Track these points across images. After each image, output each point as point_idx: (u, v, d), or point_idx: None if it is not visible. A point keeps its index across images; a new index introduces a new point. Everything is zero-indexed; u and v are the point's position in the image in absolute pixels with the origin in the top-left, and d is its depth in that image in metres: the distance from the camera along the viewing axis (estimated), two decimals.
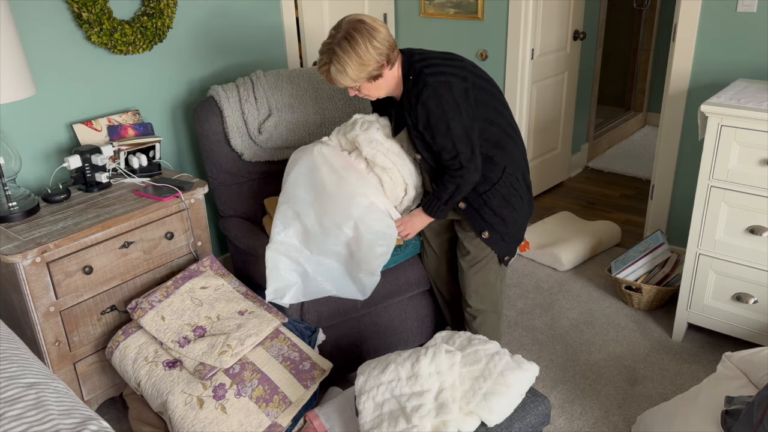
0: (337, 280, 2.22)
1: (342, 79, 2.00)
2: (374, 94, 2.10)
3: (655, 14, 5.40)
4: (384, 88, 2.09)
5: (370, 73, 2.00)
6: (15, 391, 1.39)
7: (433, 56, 2.07)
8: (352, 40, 1.94)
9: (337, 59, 1.96)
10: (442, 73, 2.01)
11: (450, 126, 1.99)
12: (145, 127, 2.65)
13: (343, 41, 1.95)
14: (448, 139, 2.01)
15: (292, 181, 2.22)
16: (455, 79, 2.01)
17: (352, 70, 1.97)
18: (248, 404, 2.01)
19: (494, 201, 2.16)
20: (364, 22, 1.97)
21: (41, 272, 2.06)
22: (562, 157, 4.40)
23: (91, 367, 2.29)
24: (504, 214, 2.18)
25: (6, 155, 2.18)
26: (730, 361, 1.98)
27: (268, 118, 2.59)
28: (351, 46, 1.94)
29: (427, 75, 2.00)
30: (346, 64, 1.96)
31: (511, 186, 2.17)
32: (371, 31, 1.96)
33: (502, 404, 1.75)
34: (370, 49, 1.95)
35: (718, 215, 2.48)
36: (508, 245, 2.25)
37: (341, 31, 1.96)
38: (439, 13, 3.82)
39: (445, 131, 2.00)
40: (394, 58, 2.04)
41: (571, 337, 2.81)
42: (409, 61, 2.06)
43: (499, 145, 2.12)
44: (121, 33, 2.53)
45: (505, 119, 2.14)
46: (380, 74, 2.02)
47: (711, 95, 2.91)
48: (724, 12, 2.83)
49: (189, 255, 2.50)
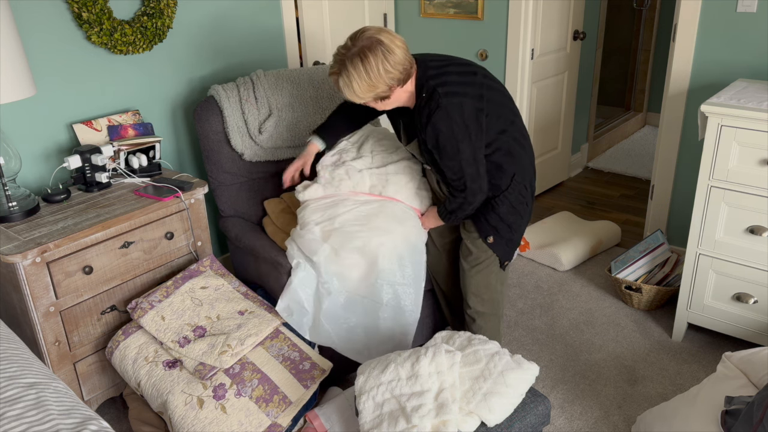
0: (346, 336, 2.30)
1: (348, 93, 1.96)
2: (380, 108, 2.08)
3: (655, 14, 5.40)
4: (390, 104, 2.06)
5: (377, 94, 1.96)
6: (15, 391, 1.39)
7: (449, 72, 2.02)
8: (365, 59, 1.88)
9: (346, 74, 1.91)
10: (456, 93, 1.97)
11: (459, 148, 1.98)
12: (145, 127, 2.65)
13: (355, 58, 1.89)
14: (456, 161, 2.00)
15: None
16: (468, 99, 1.98)
17: (359, 88, 1.93)
18: (248, 404, 2.01)
19: (502, 207, 2.16)
20: (381, 42, 1.89)
21: (41, 272, 2.06)
22: (562, 157, 4.40)
23: (91, 367, 2.29)
24: (511, 221, 2.18)
25: (6, 155, 2.18)
26: (730, 361, 1.98)
27: (269, 117, 2.59)
28: (363, 65, 1.88)
29: (440, 96, 1.95)
30: (354, 81, 1.91)
31: (519, 194, 2.16)
32: (386, 53, 1.89)
33: (502, 404, 1.75)
34: (381, 72, 1.89)
35: (718, 215, 2.48)
36: (509, 250, 2.26)
37: (357, 46, 1.90)
38: (439, 13, 3.82)
39: (454, 153, 1.99)
40: (407, 77, 1.98)
41: (571, 337, 2.81)
42: (424, 76, 2.00)
43: (509, 154, 2.11)
44: (121, 33, 2.53)
45: (516, 127, 2.13)
46: (388, 96, 1.98)
47: (711, 95, 2.91)
48: (724, 12, 2.83)
49: (189, 255, 2.50)
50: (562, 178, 4.50)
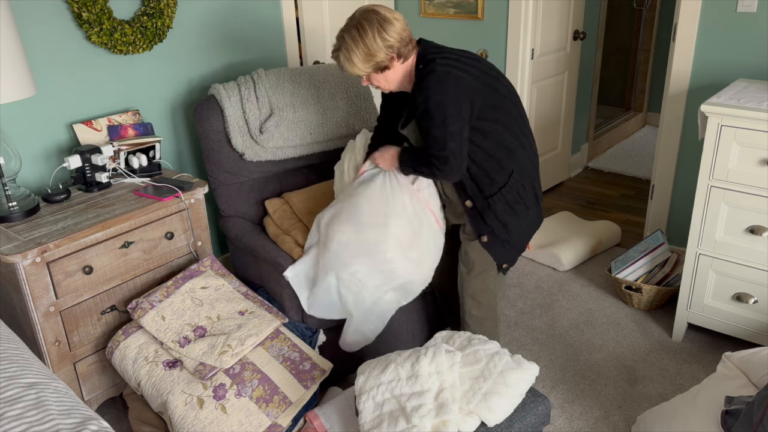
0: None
1: (349, 67, 2.01)
2: (385, 86, 2.09)
3: (655, 14, 5.40)
4: (394, 81, 2.07)
5: (377, 64, 1.99)
6: (15, 391, 1.39)
7: (450, 50, 2.05)
8: (361, 29, 1.95)
9: (345, 47, 1.98)
10: (454, 67, 1.98)
11: (446, 120, 1.95)
12: (145, 127, 2.65)
13: (352, 29, 1.97)
14: (440, 132, 1.96)
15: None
16: (465, 75, 1.98)
17: (358, 59, 1.97)
18: (248, 404, 2.01)
19: (498, 206, 2.13)
20: (377, 12, 1.97)
21: (41, 272, 2.06)
22: (562, 157, 4.40)
23: (91, 367, 2.29)
24: (506, 220, 2.16)
25: (6, 155, 2.18)
26: (730, 361, 1.98)
27: (270, 117, 2.59)
28: (360, 35, 1.95)
29: (437, 64, 1.97)
30: (353, 53, 1.97)
31: (516, 193, 2.14)
32: (382, 22, 1.95)
33: (502, 404, 1.75)
34: (378, 40, 1.95)
35: (718, 215, 2.48)
36: (507, 252, 2.22)
37: (354, 20, 1.98)
38: (439, 13, 3.82)
39: (440, 123, 1.96)
40: (408, 53, 2.02)
41: (571, 337, 2.81)
42: (424, 52, 2.04)
43: (505, 148, 2.09)
44: (121, 33, 2.53)
45: (517, 125, 2.11)
46: (389, 66, 2.01)
47: (711, 95, 2.91)
48: (724, 12, 2.83)
49: (189, 255, 2.50)
50: (562, 178, 4.51)
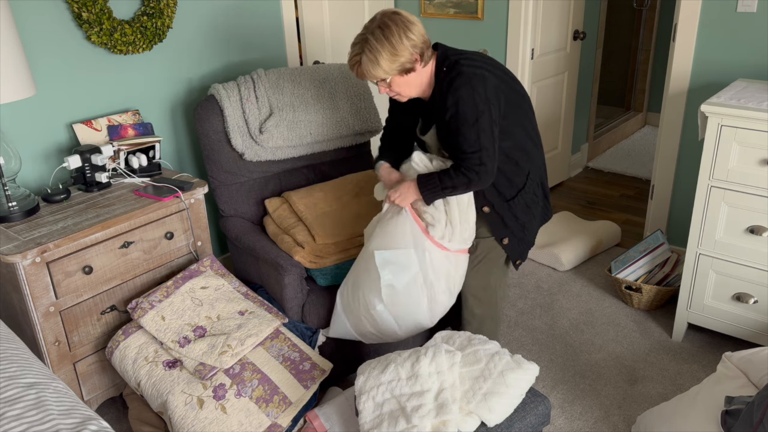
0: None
1: (374, 69, 1.96)
2: (405, 92, 2.06)
3: (655, 14, 5.40)
4: (415, 85, 2.05)
5: (402, 65, 1.96)
6: (15, 391, 1.39)
7: (470, 53, 2.06)
8: (386, 29, 1.93)
9: (369, 48, 1.94)
10: (479, 67, 1.98)
11: (478, 119, 1.95)
12: (145, 127, 2.65)
13: (377, 30, 1.94)
14: (474, 132, 1.95)
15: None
16: (491, 75, 1.99)
17: (384, 60, 1.94)
18: (248, 404, 2.01)
19: (518, 208, 2.16)
20: (399, 14, 1.96)
21: (41, 272, 2.06)
22: (562, 157, 4.40)
23: (91, 367, 2.29)
24: (525, 220, 2.18)
25: (6, 155, 2.18)
26: (730, 361, 1.98)
27: (270, 117, 2.59)
28: (385, 35, 1.92)
29: (462, 65, 1.97)
30: (378, 53, 1.93)
31: (533, 193, 2.17)
32: (406, 23, 1.94)
33: (502, 404, 1.75)
34: (404, 40, 1.93)
35: (718, 215, 2.48)
36: (521, 250, 2.26)
37: (376, 21, 1.96)
38: (439, 13, 3.82)
39: (473, 123, 1.95)
40: (428, 57, 2.01)
41: (571, 337, 2.81)
42: (444, 54, 2.04)
43: (524, 149, 2.11)
44: (121, 33, 2.53)
45: (531, 124, 2.13)
46: (413, 68, 1.99)
47: (711, 95, 2.91)
48: (724, 12, 2.83)
49: (189, 255, 2.50)
50: (562, 178, 4.50)
